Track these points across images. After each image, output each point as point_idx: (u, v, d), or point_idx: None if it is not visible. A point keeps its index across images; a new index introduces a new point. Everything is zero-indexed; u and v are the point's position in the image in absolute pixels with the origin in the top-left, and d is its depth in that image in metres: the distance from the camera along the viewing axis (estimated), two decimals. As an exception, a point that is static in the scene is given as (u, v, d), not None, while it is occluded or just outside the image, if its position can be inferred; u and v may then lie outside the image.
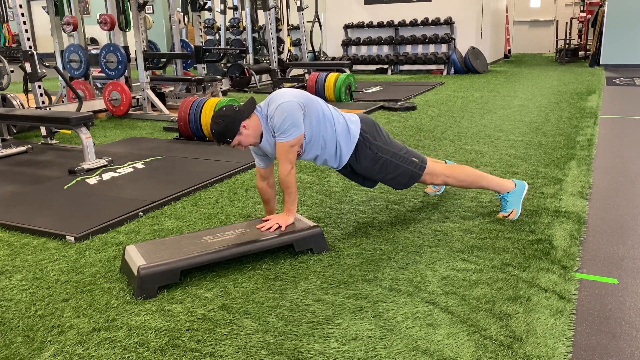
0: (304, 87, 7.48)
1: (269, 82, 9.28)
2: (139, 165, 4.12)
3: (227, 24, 10.39)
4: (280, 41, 9.46)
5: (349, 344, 1.81)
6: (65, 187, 3.61)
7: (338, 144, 2.63)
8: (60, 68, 6.58)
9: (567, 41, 12.83)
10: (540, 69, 10.96)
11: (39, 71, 4.83)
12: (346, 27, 11.48)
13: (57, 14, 6.79)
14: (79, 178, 3.81)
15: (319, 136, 2.58)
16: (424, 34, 10.80)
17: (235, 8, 10.56)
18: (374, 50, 11.41)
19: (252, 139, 2.50)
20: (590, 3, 12.49)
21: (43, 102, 4.98)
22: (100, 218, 2.97)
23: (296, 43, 12.18)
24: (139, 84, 6.76)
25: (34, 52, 4.78)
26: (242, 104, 2.56)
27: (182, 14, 8.24)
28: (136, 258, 2.24)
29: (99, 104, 6.63)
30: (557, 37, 13.67)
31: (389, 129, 5.26)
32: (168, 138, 5.21)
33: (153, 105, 6.55)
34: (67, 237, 2.75)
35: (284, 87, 2.73)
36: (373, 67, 11.40)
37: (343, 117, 2.67)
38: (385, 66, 11.10)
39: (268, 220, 2.58)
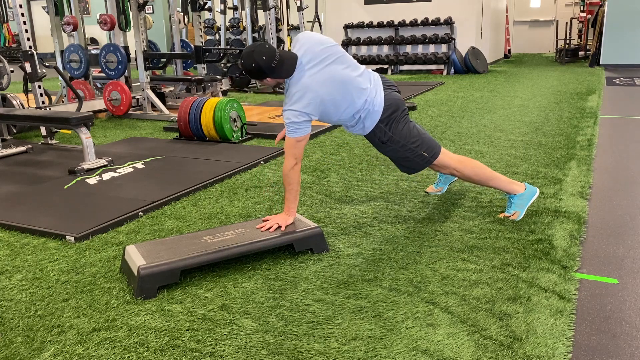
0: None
1: (269, 82, 9.27)
2: (139, 165, 4.12)
3: (227, 24, 10.39)
4: (280, 41, 9.45)
5: (349, 344, 1.81)
6: (65, 187, 3.61)
7: (354, 125, 2.73)
8: (60, 68, 6.58)
9: (567, 41, 12.83)
10: (540, 69, 10.96)
11: (39, 71, 4.82)
12: (346, 27, 11.48)
13: (57, 14, 6.79)
14: (79, 178, 3.81)
15: (336, 119, 2.69)
16: (424, 34, 10.80)
17: (235, 8, 10.55)
18: (374, 50, 11.41)
19: (270, 85, 2.69)
20: (590, 3, 12.49)
21: (43, 102, 4.98)
22: (100, 218, 2.97)
23: (296, 43, 12.16)
24: (139, 84, 6.76)
25: (34, 52, 4.77)
26: (283, 55, 2.49)
27: (182, 14, 8.24)
28: (136, 258, 2.24)
29: (99, 104, 6.63)
30: (557, 37, 13.67)
31: (389, 129, 5.26)
32: (168, 138, 5.21)
33: (153, 105, 6.55)
34: (67, 237, 2.75)
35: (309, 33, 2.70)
36: (373, 67, 11.38)
37: (371, 100, 2.64)
38: (385, 66, 11.10)
39: (268, 220, 2.58)
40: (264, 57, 2.43)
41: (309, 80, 2.49)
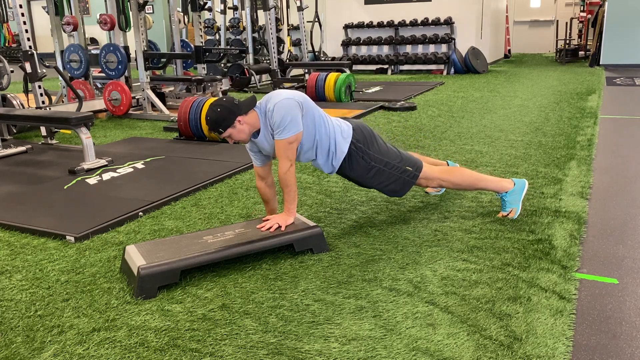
0: (304, 87, 7.48)
1: (269, 82, 9.28)
2: (139, 165, 4.12)
3: (227, 24, 10.39)
4: (280, 41, 9.45)
5: (349, 344, 1.81)
6: (65, 187, 3.61)
7: (331, 150, 2.64)
8: (60, 68, 6.58)
9: (567, 41, 12.83)
10: (540, 69, 10.96)
11: (39, 71, 4.83)
12: (346, 27, 11.48)
13: (57, 14, 6.79)
14: (79, 178, 3.81)
15: (313, 139, 2.60)
16: (424, 34, 10.80)
17: (235, 8, 10.56)
18: (374, 50, 11.41)
19: (244, 135, 2.52)
20: (590, 3, 12.49)
21: (43, 102, 4.98)
22: (100, 218, 2.97)
23: (296, 43, 12.18)
24: (139, 84, 6.76)
25: (34, 52, 4.78)
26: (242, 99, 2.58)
27: (182, 14, 8.24)
28: (136, 258, 2.24)
29: (99, 104, 6.64)
30: (557, 37, 13.67)
31: (389, 129, 5.26)
32: (168, 138, 5.21)
33: (153, 105, 6.55)
34: (67, 237, 2.75)
35: (283, 88, 2.75)
36: (373, 67, 11.39)
37: (338, 125, 2.68)
38: (385, 66, 11.10)
39: (268, 220, 2.58)
40: (224, 99, 2.52)
41: (274, 91, 2.57)
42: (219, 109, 2.47)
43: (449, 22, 10.52)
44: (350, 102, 7.08)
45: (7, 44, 14.79)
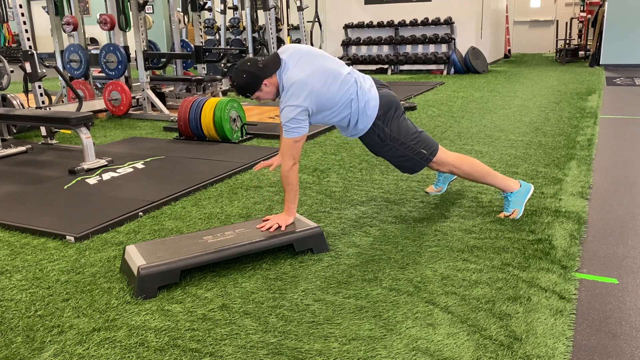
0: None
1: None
2: (139, 165, 4.12)
3: (227, 24, 10.39)
4: (280, 41, 9.44)
5: (349, 344, 1.81)
6: (65, 187, 3.61)
7: (351, 123, 2.70)
8: (60, 68, 6.58)
9: (567, 41, 12.82)
10: (540, 69, 10.96)
11: (39, 71, 4.83)
12: (346, 27, 11.48)
13: (57, 14, 6.79)
14: (79, 178, 3.81)
15: (328, 122, 2.71)
16: (424, 34, 10.80)
17: (235, 8, 10.56)
18: (374, 50, 11.41)
19: (271, 95, 2.62)
20: (590, 3, 12.49)
21: (43, 102, 4.98)
22: (100, 218, 2.97)
23: (296, 43, 12.19)
24: (139, 84, 6.76)
25: (34, 52, 4.78)
26: (266, 59, 2.59)
27: (182, 14, 8.24)
28: (136, 258, 2.24)
29: (99, 104, 6.64)
30: (557, 37, 13.66)
31: (389, 129, 5.26)
32: (168, 138, 5.21)
33: (153, 105, 6.55)
34: (67, 237, 2.75)
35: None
36: (373, 67, 11.39)
37: (366, 100, 2.64)
38: (385, 66, 11.10)
39: (268, 220, 2.59)
40: (249, 63, 2.55)
41: (299, 75, 2.53)
42: (244, 75, 2.53)
43: (449, 22, 10.51)
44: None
45: (7, 44, 14.80)
